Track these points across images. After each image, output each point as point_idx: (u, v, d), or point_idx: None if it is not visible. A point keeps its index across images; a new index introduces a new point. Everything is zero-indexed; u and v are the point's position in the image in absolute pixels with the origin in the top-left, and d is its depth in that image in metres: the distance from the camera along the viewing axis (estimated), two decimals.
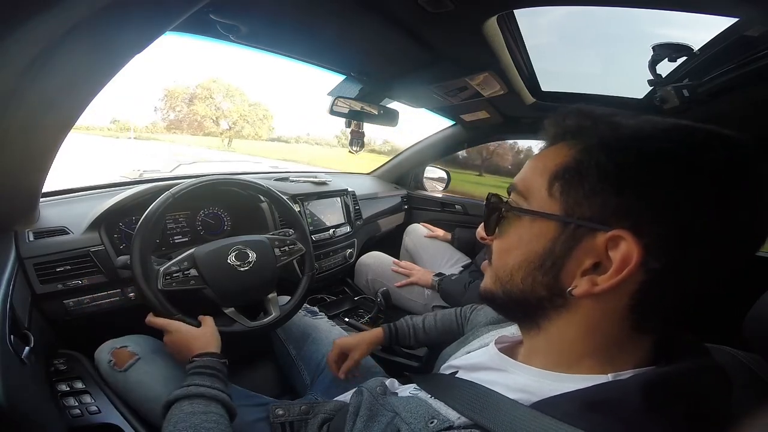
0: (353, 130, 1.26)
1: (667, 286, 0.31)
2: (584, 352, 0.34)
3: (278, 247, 0.87)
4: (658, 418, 0.29)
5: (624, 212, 0.30)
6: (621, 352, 0.33)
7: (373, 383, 0.50)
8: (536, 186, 0.35)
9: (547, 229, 0.33)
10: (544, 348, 0.37)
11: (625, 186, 0.30)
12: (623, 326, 0.33)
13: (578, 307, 0.33)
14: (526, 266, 0.35)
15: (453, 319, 0.81)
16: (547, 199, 0.34)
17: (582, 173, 0.32)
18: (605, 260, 0.31)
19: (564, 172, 0.33)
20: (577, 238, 0.32)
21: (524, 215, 0.35)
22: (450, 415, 0.37)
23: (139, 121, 29.83)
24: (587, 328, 0.33)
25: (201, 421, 0.50)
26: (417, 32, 0.82)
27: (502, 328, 0.54)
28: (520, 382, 0.37)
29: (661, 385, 0.30)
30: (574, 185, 0.32)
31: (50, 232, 0.79)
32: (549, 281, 0.34)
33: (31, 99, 0.46)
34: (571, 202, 0.32)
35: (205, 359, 0.61)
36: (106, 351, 0.70)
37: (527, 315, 0.37)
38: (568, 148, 0.34)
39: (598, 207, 0.31)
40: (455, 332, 0.79)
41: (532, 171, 0.36)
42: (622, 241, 0.29)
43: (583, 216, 0.31)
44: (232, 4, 0.71)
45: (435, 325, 0.82)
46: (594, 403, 0.30)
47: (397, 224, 1.85)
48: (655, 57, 0.80)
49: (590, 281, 0.31)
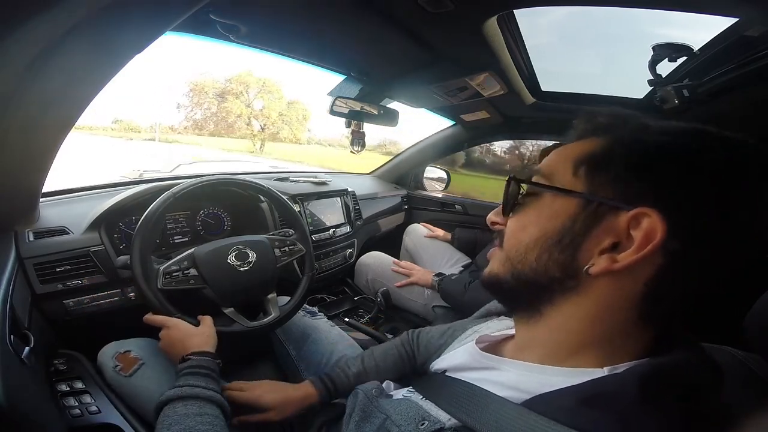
0: (353, 130, 1.26)
1: (682, 276, 0.31)
2: (585, 342, 0.34)
3: (278, 248, 0.86)
4: (653, 410, 0.29)
5: (649, 195, 0.31)
6: (621, 344, 0.33)
7: (369, 385, 0.51)
8: (561, 169, 0.36)
9: (568, 205, 0.34)
10: (542, 338, 0.37)
11: (651, 174, 0.31)
12: (630, 315, 0.33)
13: (590, 290, 0.33)
14: (543, 242, 0.35)
15: (396, 354, 0.70)
16: (571, 178, 0.34)
17: (609, 160, 0.33)
18: (625, 240, 0.31)
19: (590, 158, 0.34)
20: (599, 217, 0.32)
21: (546, 192, 0.36)
22: (441, 416, 0.37)
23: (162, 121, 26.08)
24: (595, 315, 0.33)
25: (195, 423, 0.49)
26: (417, 32, 0.82)
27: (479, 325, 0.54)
28: (509, 378, 0.37)
29: (656, 377, 0.30)
30: (600, 170, 0.33)
31: (50, 232, 0.79)
32: (565, 259, 0.33)
33: (31, 99, 0.46)
34: (596, 183, 0.33)
35: (199, 359, 0.60)
36: (109, 356, 0.68)
37: (532, 300, 0.37)
38: (597, 141, 0.35)
39: (623, 189, 0.32)
40: (403, 364, 0.69)
41: (558, 157, 0.37)
42: (645, 218, 0.30)
43: (606, 196, 0.32)
44: (232, 4, 0.71)
45: (377, 367, 0.68)
46: (590, 398, 0.30)
47: (397, 224, 1.85)
48: (655, 57, 0.80)
49: (609, 259, 0.31)
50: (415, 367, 0.68)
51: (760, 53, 0.67)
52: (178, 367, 0.59)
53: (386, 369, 0.68)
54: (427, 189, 2.05)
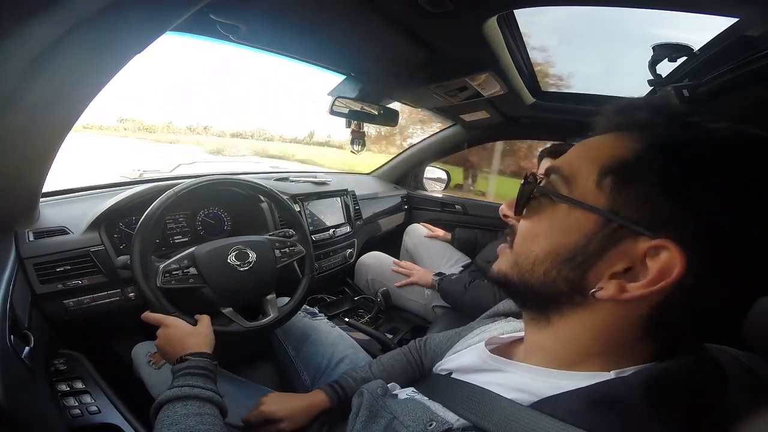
0: (353, 130, 1.26)
1: (693, 301, 0.29)
2: (590, 352, 0.34)
3: (278, 248, 0.86)
4: (661, 413, 0.29)
5: (676, 224, 0.28)
6: (626, 354, 0.33)
7: (374, 384, 0.50)
8: (584, 173, 0.32)
9: (585, 221, 0.31)
10: (550, 345, 0.36)
11: (685, 197, 0.27)
12: (635, 333, 0.32)
13: (596, 309, 0.32)
14: (553, 258, 0.33)
15: (403, 359, 0.70)
16: (594, 190, 0.31)
17: (640, 173, 0.29)
18: (639, 266, 0.29)
19: (619, 166, 0.30)
20: (617, 239, 0.30)
21: (564, 202, 0.32)
22: (448, 417, 0.37)
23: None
24: (599, 331, 0.33)
25: (195, 423, 0.49)
26: (417, 32, 0.82)
27: (487, 325, 0.54)
28: (517, 381, 0.36)
29: (663, 381, 0.30)
30: (628, 184, 0.29)
31: (50, 232, 0.79)
32: (574, 278, 0.32)
33: (32, 99, 0.46)
34: (621, 201, 0.29)
35: (197, 359, 0.59)
36: (142, 353, 0.77)
37: (539, 307, 0.36)
38: (631, 141, 0.31)
39: (649, 213, 0.28)
40: (412, 370, 0.69)
41: (582, 157, 0.33)
42: (665, 251, 0.28)
43: (629, 218, 0.29)
44: (232, 4, 0.71)
45: (386, 372, 0.68)
46: (598, 401, 0.30)
47: (397, 224, 1.85)
48: (655, 57, 0.79)
49: (619, 286, 0.30)
50: (423, 373, 0.69)
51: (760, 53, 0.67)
52: (176, 367, 0.58)
53: (395, 374, 0.68)
54: (427, 189, 2.05)
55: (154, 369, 0.74)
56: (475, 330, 0.55)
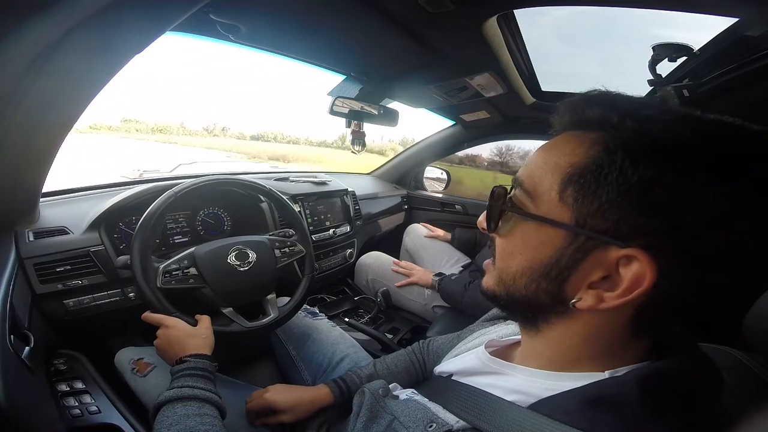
0: (353, 130, 1.26)
1: (675, 301, 0.30)
2: (582, 356, 0.34)
3: (278, 249, 0.86)
4: (655, 411, 0.29)
5: (643, 231, 0.27)
6: (619, 354, 0.34)
7: (375, 384, 0.51)
8: (546, 186, 0.32)
9: (554, 236, 0.31)
10: (542, 350, 0.37)
11: (648, 204, 0.27)
12: (624, 333, 0.32)
13: (579, 317, 0.32)
14: (530, 273, 0.33)
15: (407, 359, 0.71)
16: (557, 203, 0.31)
17: (600, 180, 0.28)
18: (615, 274, 0.29)
19: (579, 175, 0.29)
20: (587, 250, 0.30)
21: (531, 220, 0.33)
22: (448, 418, 0.37)
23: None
24: (587, 336, 0.33)
25: (195, 424, 0.49)
26: (417, 32, 0.82)
27: (486, 328, 0.54)
28: (516, 383, 0.37)
29: (657, 379, 0.30)
30: (590, 193, 0.29)
31: (50, 232, 0.79)
32: (553, 290, 0.32)
33: (32, 99, 0.46)
34: (585, 211, 0.29)
35: (197, 361, 0.59)
36: (126, 361, 0.74)
37: (528, 317, 0.37)
38: (588, 144, 0.30)
39: (615, 221, 0.28)
40: (415, 370, 0.70)
41: (542, 167, 0.32)
42: (635, 261, 0.28)
43: (596, 228, 0.29)
44: (232, 4, 0.71)
45: (389, 371, 0.69)
46: (593, 400, 0.30)
47: (397, 224, 1.85)
48: (655, 57, 0.80)
49: (597, 296, 0.30)
50: (426, 375, 0.69)
51: (760, 53, 0.67)
52: (175, 368, 0.58)
53: (398, 373, 0.69)
54: (427, 189, 2.05)
55: (139, 377, 0.72)
56: (475, 333, 0.56)
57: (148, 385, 0.70)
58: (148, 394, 0.69)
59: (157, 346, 0.65)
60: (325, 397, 0.66)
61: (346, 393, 0.66)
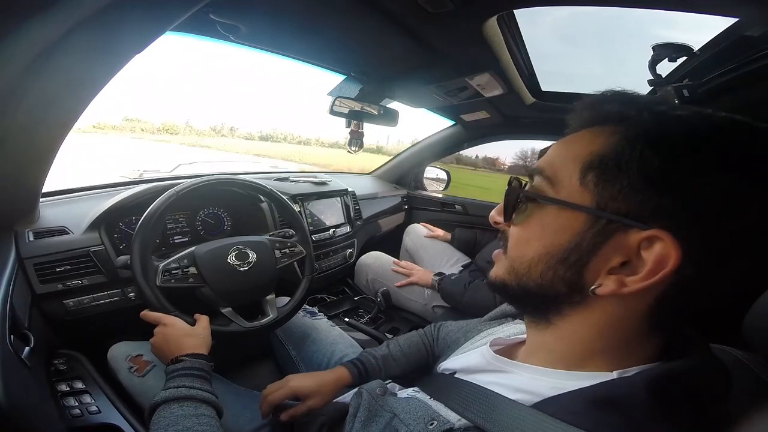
0: (353, 130, 1.26)
1: (697, 290, 0.29)
2: (594, 350, 0.33)
3: (279, 249, 0.86)
4: (664, 414, 0.29)
5: (664, 213, 0.28)
6: (631, 351, 0.33)
7: (373, 384, 0.50)
8: (566, 173, 0.32)
9: (575, 220, 0.31)
10: (551, 345, 0.36)
11: (668, 186, 0.27)
12: (641, 326, 0.32)
13: (597, 305, 0.32)
14: (548, 259, 0.32)
15: (419, 341, 0.74)
16: (578, 188, 0.31)
17: (621, 166, 0.29)
18: (635, 259, 0.29)
19: (600, 161, 0.30)
20: (608, 234, 0.30)
21: (551, 204, 0.32)
22: (450, 416, 0.37)
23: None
24: (603, 327, 0.32)
25: (193, 424, 0.49)
26: (417, 32, 0.82)
27: (494, 327, 0.54)
28: (520, 382, 0.36)
29: (667, 381, 0.29)
30: (611, 178, 0.29)
31: (50, 232, 0.79)
32: (571, 277, 0.32)
33: (32, 99, 0.46)
34: (606, 195, 0.29)
35: (194, 360, 0.59)
36: (122, 358, 0.71)
37: (539, 309, 0.36)
38: (607, 134, 0.31)
39: (636, 204, 0.28)
40: (424, 355, 0.72)
41: (562, 156, 0.33)
42: (659, 242, 0.27)
43: (617, 211, 0.29)
44: (232, 4, 0.71)
45: (402, 351, 0.71)
46: (600, 401, 0.30)
47: (397, 224, 1.85)
48: (655, 57, 0.80)
49: (618, 281, 0.30)
50: (434, 358, 0.69)
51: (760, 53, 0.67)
52: (171, 367, 0.58)
53: (410, 353, 0.71)
54: (427, 189, 2.05)
55: (137, 377, 0.69)
56: (483, 333, 0.55)
57: (147, 386, 0.68)
58: (146, 394, 0.67)
59: (153, 343, 0.64)
60: (345, 378, 0.66)
61: (364, 373, 0.67)
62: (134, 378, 0.69)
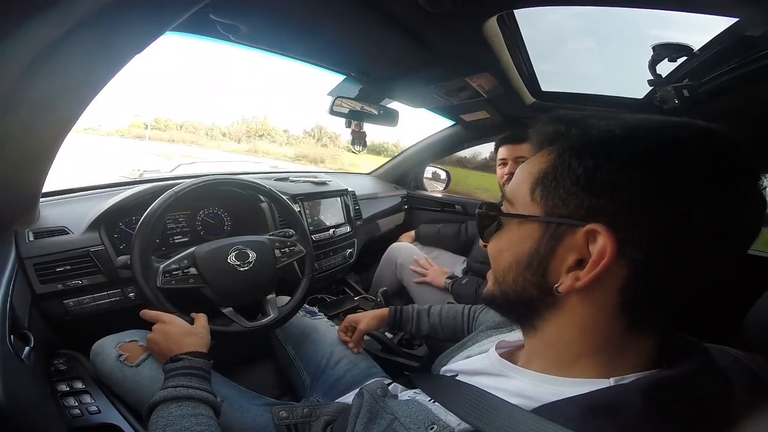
0: (353, 131, 1.26)
1: (654, 282, 0.31)
2: (581, 352, 0.34)
3: (279, 249, 0.86)
4: (661, 422, 0.29)
5: (598, 210, 0.31)
6: (620, 354, 0.33)
7: (374, 385, 0.50)
8: (521, 192, 0.37)
9: (532, 230, 0.35)
10: (542, 349, 0.37)
11: (595, 187, 0.31)
12: (616, 325, 0.33)
13: (568, 305, 0.34)
14: (516, 266, 0.36)
15: (459, 315, 0.82)
16: (529, 203, 0.36)
17: (557, 177, 0.33)
18: (587, 256, 0.32)
19: (543, 177, 0.35)
20: (559, 237, 0.33)
21: (510, 219, 0.38)
22: (450, 420, 0.37)
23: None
24: (581, 327, 0.34)
25: (191, 424, 0.49)
26: (417, 32, 0.82)
27: (502, 333, 0.54)
28: (519, 386, 0.37)
29: (663, 389, 0.30)
30: (552, 189, 0.34)
31: (50, 232, 0.79)
32: (538, 280, 0.35)
33: (31, 99, 0.46)
34: (551, 204, 0.34)
35: (193, 359, 0.58)
36: (111, 346, 0.67)
37: (523, 315, 0.38)
38: (548, 153, 0.36)
39: (573, 206, 0.32)
40: (458, 329, 0.80)
41: (518, 178, 0.38)
42: (599, 236, 0.31)
43: (560, 215, 0.33)
44: (232, 4, 0.71)
45: (439, 316, 0.83)
46: (596, 408, 0.30)
47: (397, 224, 1.85)
48: (655, 57, 0.80)
49: (574, 277, 0.32)
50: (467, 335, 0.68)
51: (760, 53, 0.67)
52: (170, 365, 0.57)
53: (445, 321, 0.83)
54: (427, 189, 2.05)
55: (128, 366, 0.64)
56: (492, 338, 0.55)
57: (142, 376, 0.64)
58: (141, 389, 0.63)
59: (151, 340, 0.63)
60: (382, 316, 0.86)
61: (398, 319, 0.85)
62: (125, 369, 0.64)
